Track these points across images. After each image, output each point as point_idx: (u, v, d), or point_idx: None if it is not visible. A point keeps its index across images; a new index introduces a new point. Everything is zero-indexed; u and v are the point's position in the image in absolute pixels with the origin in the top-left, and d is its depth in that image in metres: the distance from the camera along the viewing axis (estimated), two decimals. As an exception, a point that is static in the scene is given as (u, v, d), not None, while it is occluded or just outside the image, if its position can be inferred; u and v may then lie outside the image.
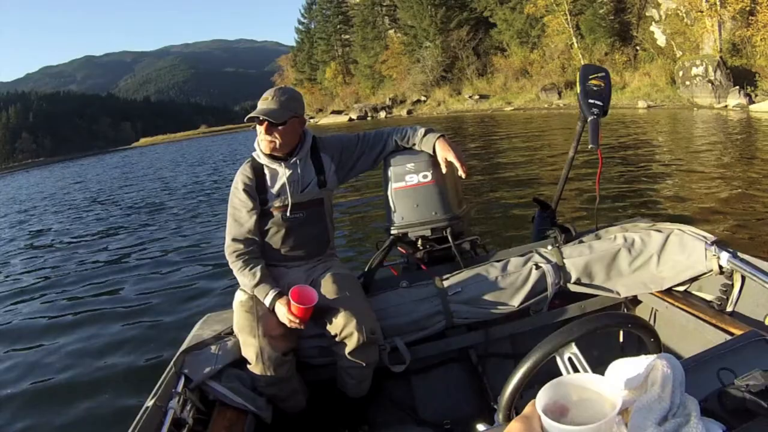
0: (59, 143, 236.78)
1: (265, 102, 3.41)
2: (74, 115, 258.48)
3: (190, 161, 47.28)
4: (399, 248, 4.10)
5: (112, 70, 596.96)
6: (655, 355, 1.31)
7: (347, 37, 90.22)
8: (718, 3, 35.99)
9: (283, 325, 3.23)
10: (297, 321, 3.16)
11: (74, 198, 30.64)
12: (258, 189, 3.49)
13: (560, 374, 2.01)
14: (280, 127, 3.33)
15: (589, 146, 3.52)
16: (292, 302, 3.13)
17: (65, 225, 20.33)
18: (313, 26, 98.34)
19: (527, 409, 1.26)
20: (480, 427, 1.87)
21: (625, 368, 1.31)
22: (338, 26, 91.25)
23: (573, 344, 1.86)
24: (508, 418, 1.86)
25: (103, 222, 19.43)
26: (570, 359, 1.87)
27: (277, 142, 3.36)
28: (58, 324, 8.85)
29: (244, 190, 3.46)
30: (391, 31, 79.35)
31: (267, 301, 3.27)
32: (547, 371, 1.87)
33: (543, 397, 1.22)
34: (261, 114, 3.31)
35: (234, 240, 3.44)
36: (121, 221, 18.78)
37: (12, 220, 25.24)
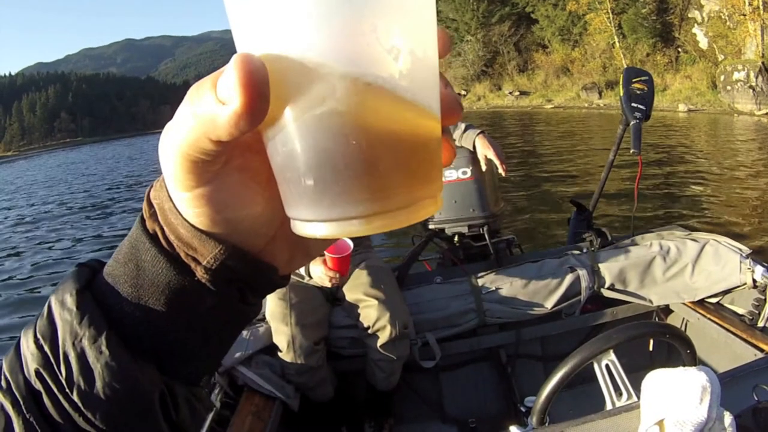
0: (98, 124, 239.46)
1: None
2: (113, 97, 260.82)
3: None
4: (435, 243, 4.10)
5: (152, 54, 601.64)
6: (693, 368, 1.30)
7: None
8: (761, 7, 35.28)
9: (316, 313, 3.25)
10: (336, 275, 3.18)
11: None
12: None
13: (594, 379, 2.02)
14: None
15: (631, 151, 3.48)
16: (327, 255, 3.14)
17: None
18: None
19: None
20: (514, 429, 1.87)
21: (663, 379, 1.30)
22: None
23: (611, 351, 1.85)
24: (542, 422, 1.85)
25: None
26: (607, 366, 1.86)
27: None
28: None
29: None
30: (432, 24, 79.14)
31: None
32: (577, 375, 1.87)
33: None
34: None
35: None
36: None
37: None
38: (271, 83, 0.36)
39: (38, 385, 0.45)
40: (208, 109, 0.37)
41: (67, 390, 0.45)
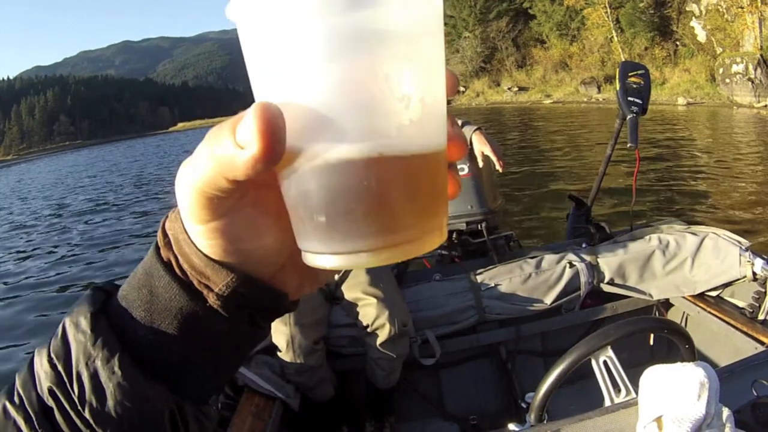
0: (97, 127, 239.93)
1: None
2: (112, 99, 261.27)
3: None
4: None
5: (150, 55, 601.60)
6: (691, 363, 1.29)
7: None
8: (758, -1, 35.42)
9: (315, 313, 3.25)
10: None
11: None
12: None
13: (592, 375, 2.01)
14: None
15: (628, 145, 3.48)
16: None
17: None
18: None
19: None
20: (512, 426, 1.86)
21: (661, 375, 1.29)
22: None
23: (609, 348, 1.84)
24: (541, 419, 1.84)
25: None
26: (605, 362, 1.85)
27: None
28: None
29: None
30: (429, 21, 79.26)
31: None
32: (577, 371, 1.87)
33: None
34: None
35: None
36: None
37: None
38: (288, 127, 0.38)
39: (51, 402, 0.47)
40: (226, 152, 0.39)
41: (79, 407, 0.47)
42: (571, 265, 3.60)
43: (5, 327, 8.84)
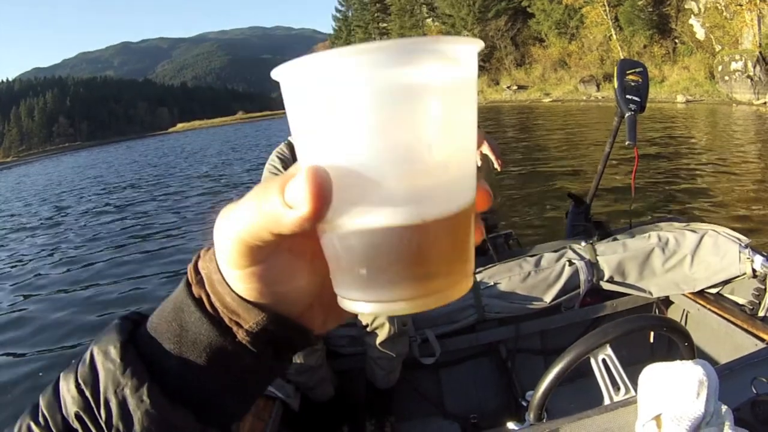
0: (96, 128, 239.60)
1: None
2: (111, 100, 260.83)
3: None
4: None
5: (149, 56, 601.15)
6: (690, 361, 1.29)
7: (385, 25, 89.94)
8: (757, -4, 35.40)
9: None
10: None
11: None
12: None
13: (591, 373, 2.01)
14: None
15: (626, 143, 3.47)
16: None
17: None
18: (350, 14, 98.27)
19: None
20: (511, 425, 1.86)
21: (660, 374, 1.29)
22: (376, 14, 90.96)
23: (608, 346, 1.84)
24: (540, 418, 1.84)
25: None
26: (604, 360, 1.85)
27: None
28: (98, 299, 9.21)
29: (283, 166, 3.47)
30: (429, 20, 79.03)
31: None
32: (576, 369, 1.86)
33: None
34: None
35: None
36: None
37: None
38: (334, 187, 0.40)
39: (76, 425, 0.50)
40: (274, 209, 0.42)
41: None
42: (571, 263, 3.59)
43: (5, 327, 8.84)
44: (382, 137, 0.39)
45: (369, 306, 0.44)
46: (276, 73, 0.42)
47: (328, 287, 0.48)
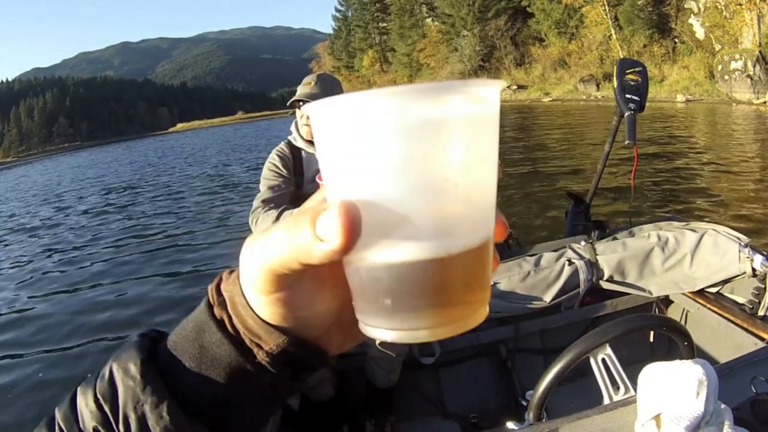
0: (96, 128, 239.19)
1: (308, 87, 3.42)
2: (111, 100, 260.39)
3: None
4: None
5: (149, 56, 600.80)
6: (690, 361, 1.29)
7: (384, 25, 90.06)
8: (757, -5, 35.39)
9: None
10: None
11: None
12: (295, 171, 3.51)
13: (591, 373, 2.01)
14: None
15: (626, 142, 3.47)
16: (320, 182, 3.14)
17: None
18: (350, 14, 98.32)
19: None
20: (511, 425, 1.86)
21: (659, 373, 1.29)
22: (375, 14, 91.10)
23: (607, 345, 1.84)
24: (539, 418, 1.84)
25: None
26: (603, 360, 1.85)
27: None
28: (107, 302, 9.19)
29: (283, 165, 3.48)
30: (428, 20, 79.19)
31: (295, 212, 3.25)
32: (576, 369, 1.86)
33: None
34: (306, 98, 3.32)
35: (264, 201, 3.45)
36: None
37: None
38: (363, 221, 0.42)
39: None
40: (305, 242, 0.43)
41: None
42: (570, 263, 3.59)
43: (5, 327, 8.84)
44: (412, 174, 0.41)
45: (391, 334, 0.45)
46: (309, 111, 0.44)
47: (346, 311, 0.51)
